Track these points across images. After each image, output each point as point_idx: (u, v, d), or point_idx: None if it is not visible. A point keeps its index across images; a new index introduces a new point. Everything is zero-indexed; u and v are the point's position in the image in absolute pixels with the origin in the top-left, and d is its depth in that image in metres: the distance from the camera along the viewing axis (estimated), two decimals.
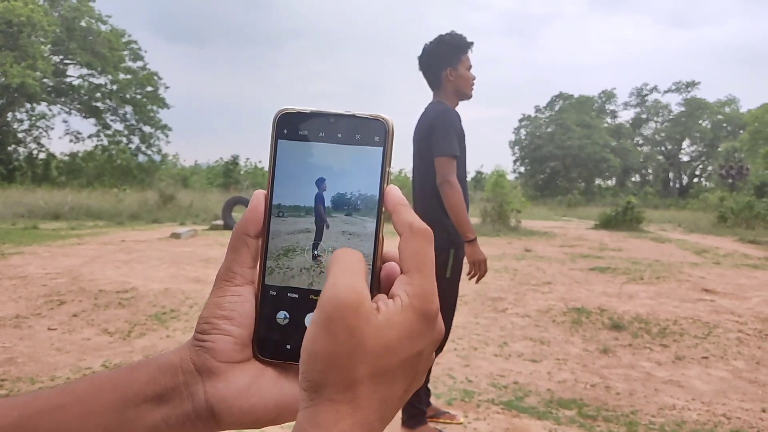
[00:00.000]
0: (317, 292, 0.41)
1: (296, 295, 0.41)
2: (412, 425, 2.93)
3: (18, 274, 7.01)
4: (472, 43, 3.02)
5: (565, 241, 14.14)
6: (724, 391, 3.88)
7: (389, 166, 0.41)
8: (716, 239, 16.13)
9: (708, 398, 3.74)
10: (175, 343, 4.53)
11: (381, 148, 0.41)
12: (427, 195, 2.91)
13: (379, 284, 0.40)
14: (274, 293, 0.41)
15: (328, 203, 0.41)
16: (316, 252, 0.41)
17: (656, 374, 4.18)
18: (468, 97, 3.02)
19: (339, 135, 0.41)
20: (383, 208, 0.40)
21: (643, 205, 24.11)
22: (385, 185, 0.41)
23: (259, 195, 0.42)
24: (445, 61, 2.97)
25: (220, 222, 14.80)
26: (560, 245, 13.12)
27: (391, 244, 0.41)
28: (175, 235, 11.78)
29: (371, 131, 0.41)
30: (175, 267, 7.93)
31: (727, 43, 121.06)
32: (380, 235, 0.41)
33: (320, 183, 0.41)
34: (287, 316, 0.41)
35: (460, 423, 3.19)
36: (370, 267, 0.40)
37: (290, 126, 0.41)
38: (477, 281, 2.90)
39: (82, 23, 32.15)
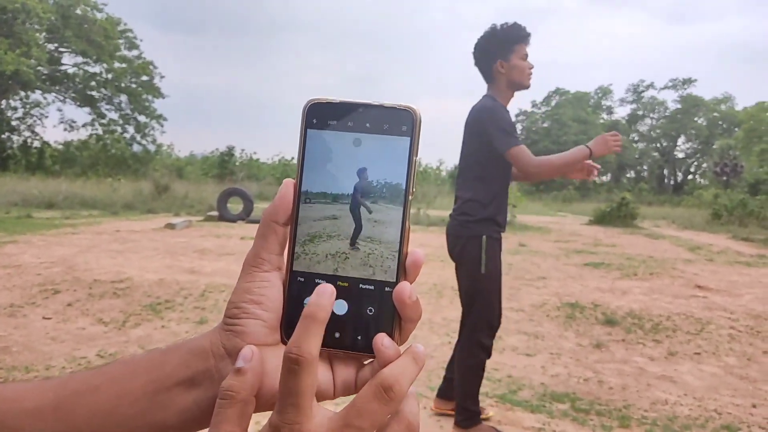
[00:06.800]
0: (344, 279, 0.41)
1: (323, 282, 0.42)
2: (467, 426, 2.86)
3: (12, 262, 6.98)
4: (528, 34, 2.88)
5: (559, 237, 14.19)
6: (715, 387, 3.91)
7: (416, 155, 0.41)
8: (710, 236, 16.21)
9: (700, 393, 3.77)
10: (170, 334, 4.54)
11: (408, 138, 0.41)
12: (469, 183, 2.89)
13: (405, 271, 0.41)
14: (302, 279, 0.42)
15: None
16: (356, 240, 0.42)
17: (649, 369, 4.22)
18: (525, 87, 2.90)
19: (367, 124, 0.41)
20: (410, 197, 0.41)
21: (637, 202, 24.13)
22: (413, 174, 0.41)
23: (287, 183, 0.43)
24: (495, 53, 2.85)
25: (215, 213, 14.76)
26: (555, 240, 13.17)
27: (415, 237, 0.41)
28: (170, 226, 11.74)
29: (399, 121, 0.41)
30: (169, 257, 7.91)
31: (724, 40, 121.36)
32: (407, 223, 0.41)
33: (361, 173, 0.41)
34: None
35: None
36: (397, 254, 0.41)
37: (319, 116, 0.42)
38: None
39: (78, 11, 31.91)
